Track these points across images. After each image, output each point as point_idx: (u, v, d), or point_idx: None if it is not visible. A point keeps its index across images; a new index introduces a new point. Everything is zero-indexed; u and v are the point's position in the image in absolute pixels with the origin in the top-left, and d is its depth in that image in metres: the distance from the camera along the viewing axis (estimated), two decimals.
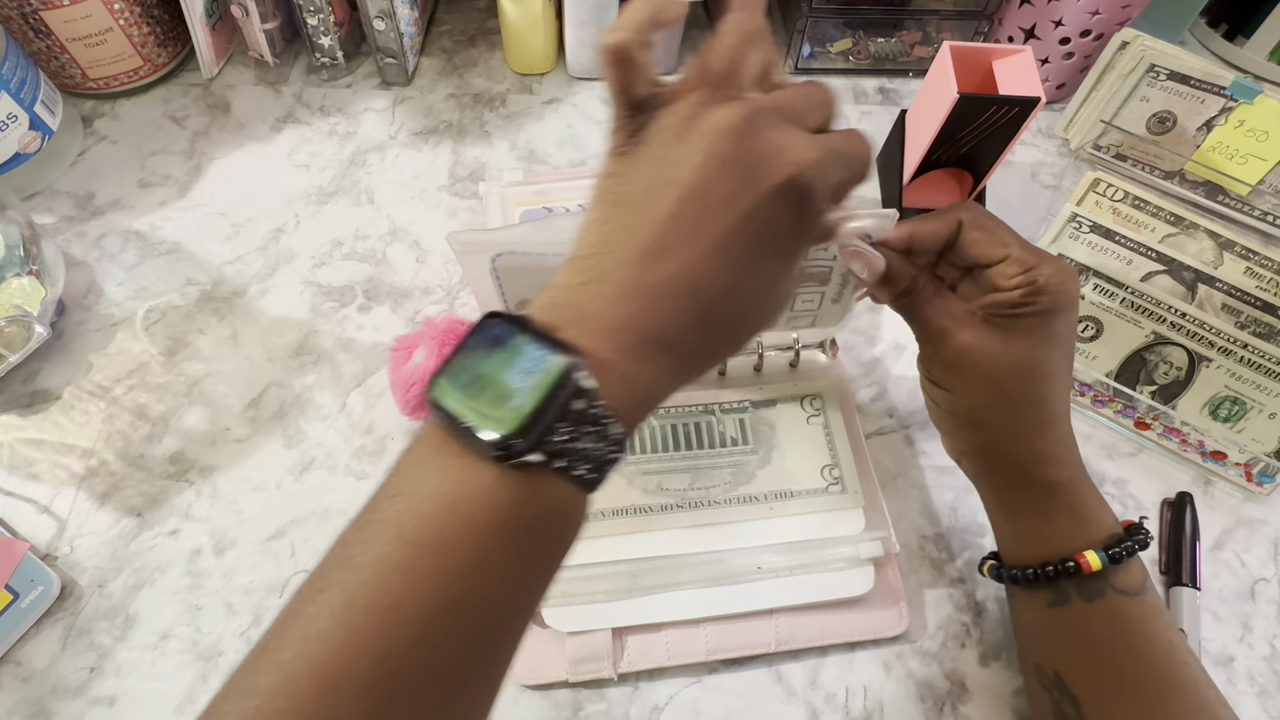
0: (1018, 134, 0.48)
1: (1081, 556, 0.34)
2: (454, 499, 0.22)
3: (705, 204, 0.24)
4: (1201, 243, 0.50)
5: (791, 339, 0.46)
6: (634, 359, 0.23)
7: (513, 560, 0.22)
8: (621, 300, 0.23)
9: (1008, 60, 0.48)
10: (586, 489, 0.23)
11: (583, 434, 0.22)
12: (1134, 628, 0.34)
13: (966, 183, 0.55)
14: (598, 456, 0.22)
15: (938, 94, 0.48)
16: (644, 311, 0.23)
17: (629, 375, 0.23)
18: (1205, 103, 0.55)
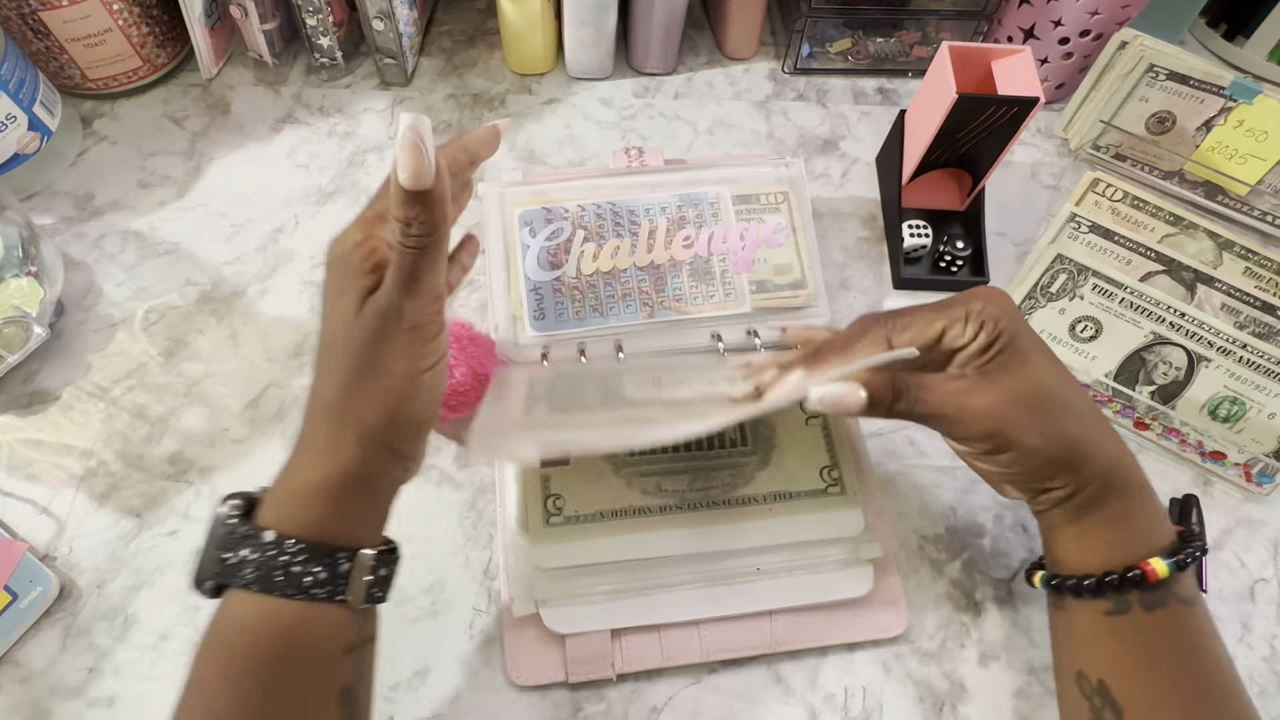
0: (1017, 134, 0.48)
1: (1147, 564, 0.33)
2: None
3: None
4: (1201, 243, 0.50)
5: (790, 339, 0.46)
6: (280, 476, 0.31)
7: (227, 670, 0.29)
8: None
9: (1007, 60, 0.48)
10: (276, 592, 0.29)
11: (236, 550, 0.29)
12: (1189, 638, 0.33)
13: (966, 183, 0.55)
14: (264, 563, 0.29)
15: (937, 94, 0.48)
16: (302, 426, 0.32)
17: (277, 489, 0.31)
18: (1204, 103, 0.54)
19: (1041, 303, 0.48)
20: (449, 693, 0.40)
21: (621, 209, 0.48)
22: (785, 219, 0.50)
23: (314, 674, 0.30)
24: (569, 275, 0.47)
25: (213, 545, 0.30)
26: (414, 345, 0.30)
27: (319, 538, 0.30)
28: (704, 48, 0.66)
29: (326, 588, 0.29)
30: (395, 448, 0.31)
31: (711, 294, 0.47)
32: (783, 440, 0.45)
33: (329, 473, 0.30)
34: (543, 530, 0.41)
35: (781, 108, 0.62)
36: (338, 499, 0.30)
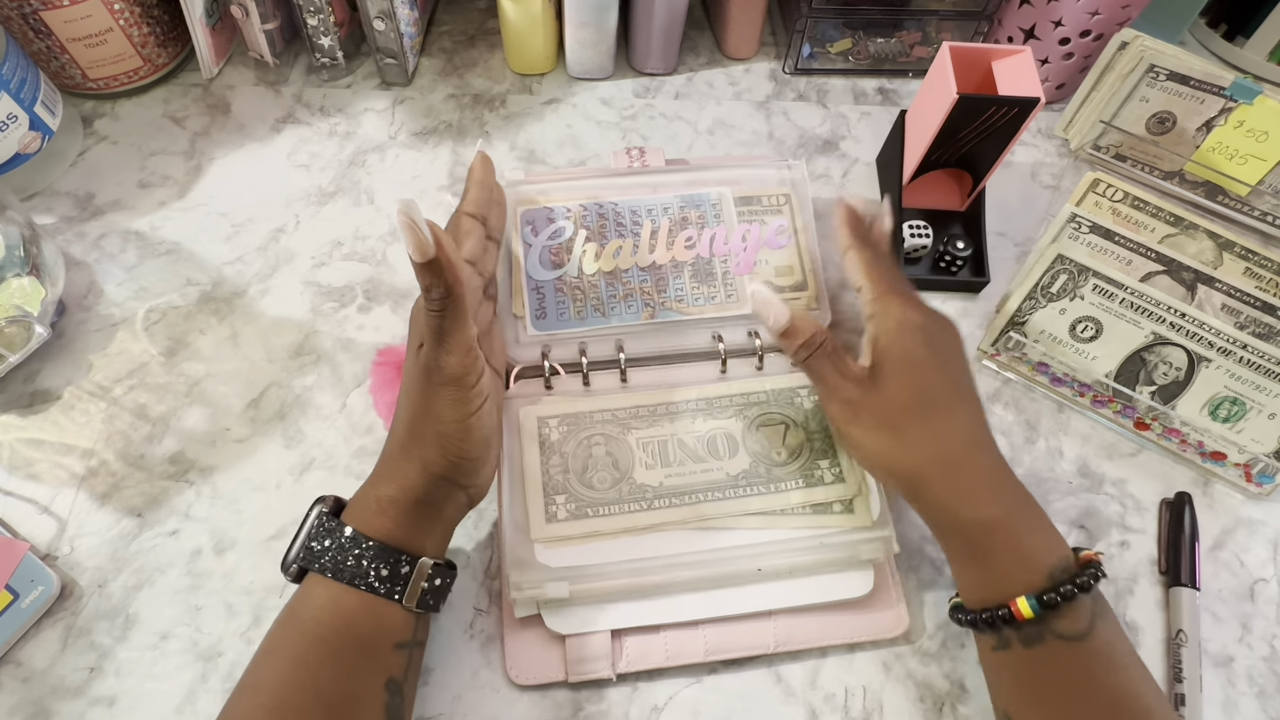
0: (1017, 134, 0.48)
1: (1014, 603, 0.33)
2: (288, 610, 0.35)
3: None
4: (1201, 243, 0.50)
5: None
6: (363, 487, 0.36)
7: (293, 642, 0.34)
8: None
9: (1007, 61, 0.48)
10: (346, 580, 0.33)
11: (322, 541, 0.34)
12: (1078, 673, 0.33)
13: (966, 183, 0.55)
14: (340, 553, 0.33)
15: (937, 94, 0.48)
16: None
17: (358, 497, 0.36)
18: (1205, 103, 0.55)
19: (1042, 303, 0.48)
20: (449, 692, 0.40)
21: (624, 209, 0.49)
22: (787, 221, 0.50)
23: (364, 658, 0.33)
24: (570, 275, 0.47)
25: (304, 535, 0.35)
26: (457, 394, 0.34)
27: (388, 541, 0.34)
28: (704, 48, 0.66)
29: (387, 584, 0.34)
30: (454, 480, 0.36)
31: (713, 295, 0.47)
32: (790, 441, 0.45)
33: (400, 491, 0.35)
34: (544, 530, 0.41)
35: (782, 108, 0.62)
36: (405, 513, 0.35)
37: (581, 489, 0.42)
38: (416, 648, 0.36)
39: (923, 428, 0.36)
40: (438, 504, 0.36)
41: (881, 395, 0.36)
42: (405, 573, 0.34)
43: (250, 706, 0.32)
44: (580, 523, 0.41)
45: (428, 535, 0.36)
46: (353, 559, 0.33)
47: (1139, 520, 0.46)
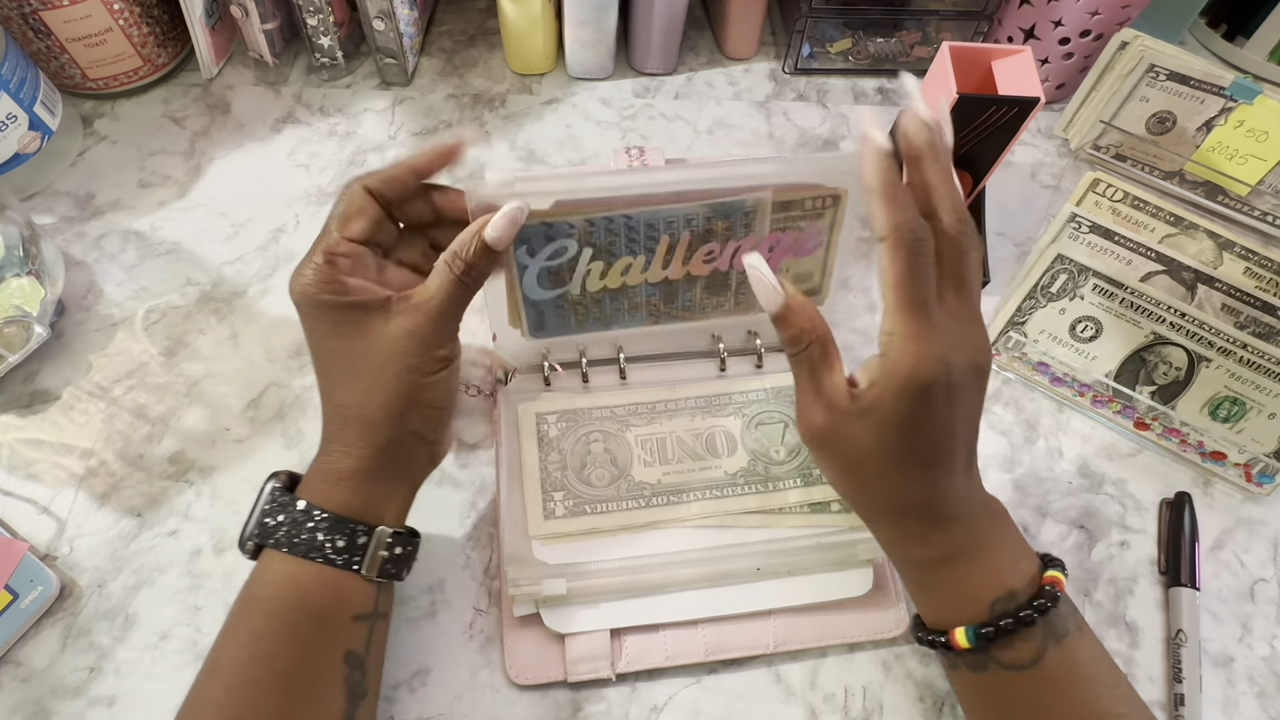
0: (1017, 134, 0.48)
1: (952, 634, 0.33)
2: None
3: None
4: (1201, 243, 0.50)
5: None
6: (316, 457, 0.35)
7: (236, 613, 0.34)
8: None
9: (1007, 60, 0.48)
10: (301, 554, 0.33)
11: (275, 516, 0.33)
12: (1024, 702, 0.32)
13: (966, 183, 0.55)
14: (294, 527, 0.33)
15: (937, 94, 0.48)
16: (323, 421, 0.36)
17: (310, 471, 0.35)
18: (1205, 103, 0.55)
19: (1042, 303, 0.48)
20: (449, 693, 0.40)
21: (639, 222, 0.40)
22: (825, 224, 0.43)
23: (322, 631, 0.33)
24: (573, 293, 0.43)
25: (258, 511, 0.34)
26: (440, 351, 0.34)
27: (344, 512, 0.33)
28: (704, 48, 0.66)
29: (344, 555, 0.33)
30: (423, 434, 0.35)
31: (722, 304, 0.45)
32: (782, 439, 0.45)
33: (359, 460, 0.34)
34: (542, 526, 0.41)
35: (782, 108, 0.62)
36: (365, 481, 0.34)
37: (579, 486, 0.42)
38: (379, 619, 0.35)
39: (881, 485, 0.33)
40: (402, 465, 0.35)
41: (856, 435, 0.32)
42: (363, 543, 0.34)
43: (210, 686, 0.32)
44: (578, 519, 0.41)
45: (388, 501, 0.35)
46: (307, 532, 0.33)
47: (1139, 520, 0.46)
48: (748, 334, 0.47)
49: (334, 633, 0.33)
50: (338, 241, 0.34)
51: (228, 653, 0.33)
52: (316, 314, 0.34)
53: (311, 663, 0.33)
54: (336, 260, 0.34)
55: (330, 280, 0.33)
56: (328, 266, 0.33)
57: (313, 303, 0.33)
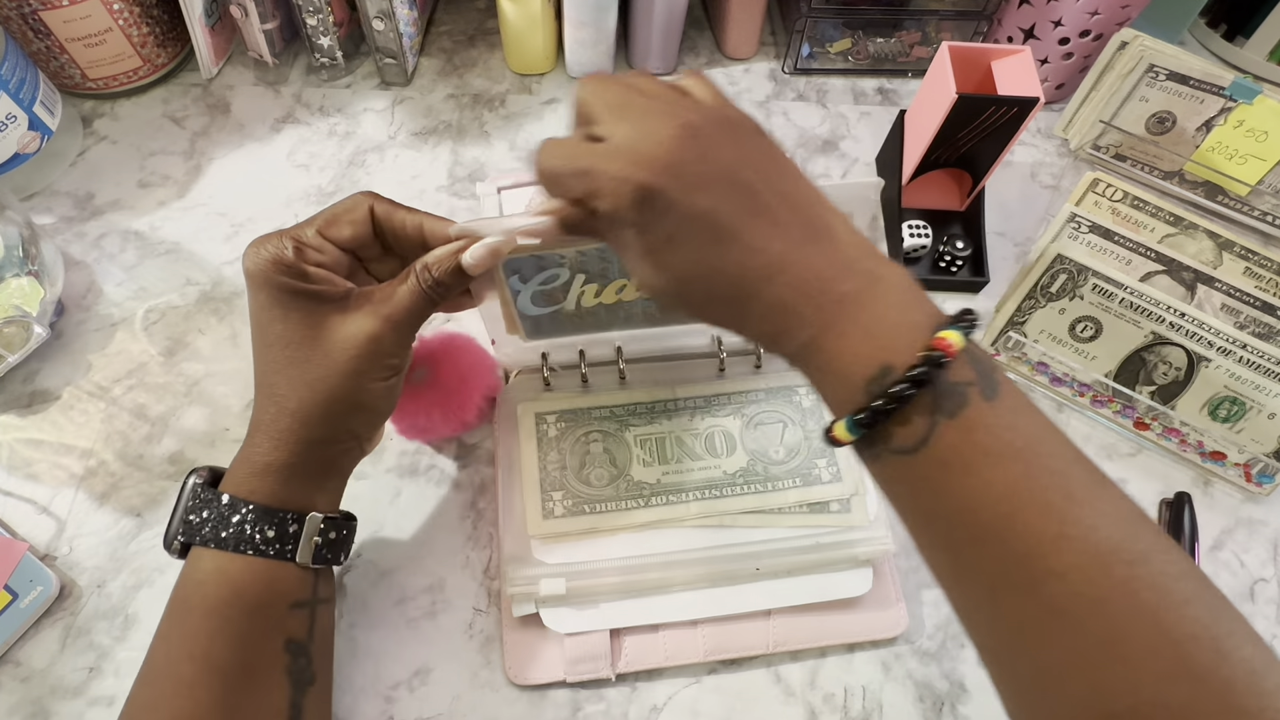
0: (1017, 134, 0.48)
1: (832, 429, 0.28)
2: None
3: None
4: (1201, 243, 0.50)
5: None
6: (240, 452, 0.34)
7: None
8: None
9: (1007, 60, 0.48)
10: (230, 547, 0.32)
11: (199, 513, 0.33)
12: (917, 486, 0.27)
13: (966, 183, 0.55)
14: (220, 521, 0.32)
15: (937, 94, 0.48)
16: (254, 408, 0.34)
17: (235, 463, 0.34)
18: (1204, 103, 0.54)
19: (1041, 303, 0.48)
20: (449, 693, 0.40)
21: None
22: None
23: (257, 623, 0.33)
24: (568, 309, 0.42)
25: (181, 509, 0.34)
26: (393, 360, 0.34)
27: (270, 503, 0.33)
28: (704, 48, 0.66)
29: (275, 545, 0.33)
30: (355, 432, 0.35)
31: None
32: (787, 439, 0.45)
33: (290, 454, 0.33)
34: (541, 526, 0.41)
35: (781, 108, 0.62)
36: (294, 475, 0.34)
37: (579, 485, 0.42)
38: (320, 605, 0.35)
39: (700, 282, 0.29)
40: (330, 461, 0.35)
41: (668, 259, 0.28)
42: (294, 530, 0.33)
43: (149, 696, 0.32)
44: (577, 519, 0.41)
45: (318, 492, 0.35)
46: (234, 525, 0.32)
47: None
48: None
49: (271, 623, 0.33)
50: (313, 235, 0.34)
51: (162, 657, 0.32)
52: (269, 294, 0.33)
53: (250, 655, 0.32)
54: (304, 250, 0.33)
55: (290, 265, 0.32)
56: (292, 252, 0.33)
57: (267, 281, 0.32)
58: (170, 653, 0.32)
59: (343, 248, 0.34)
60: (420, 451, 0.46)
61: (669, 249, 0.28)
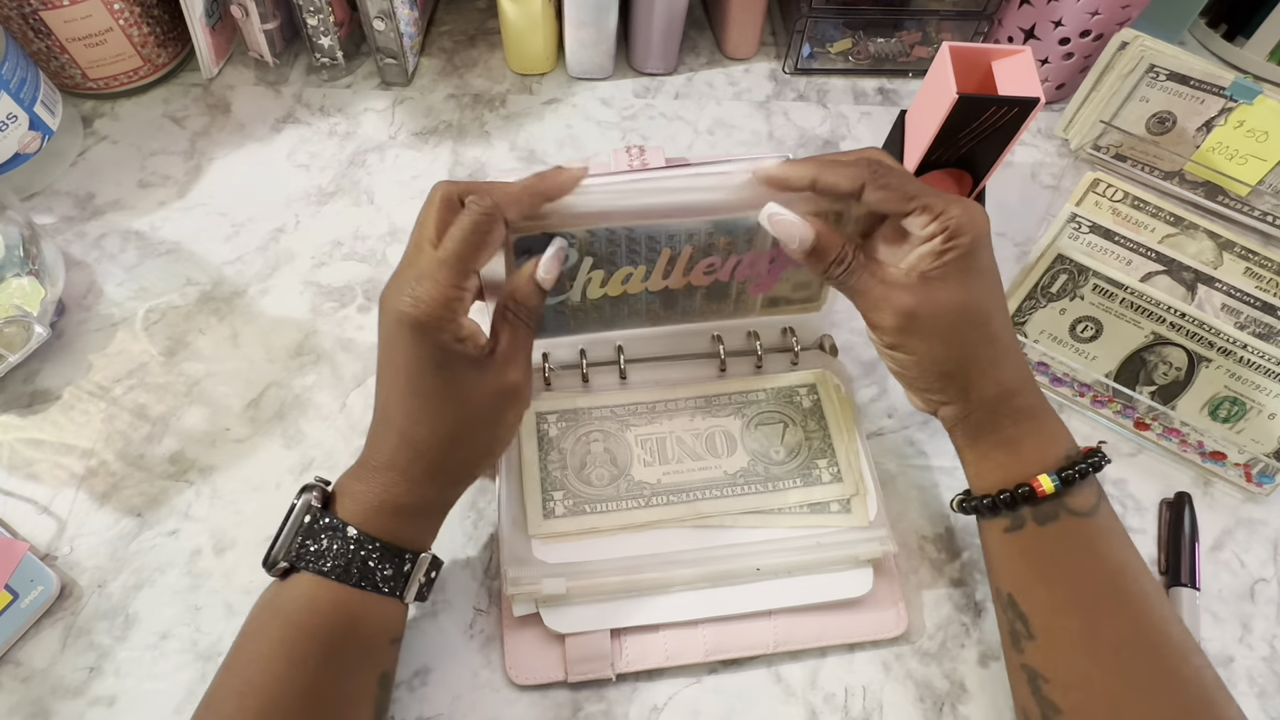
0: (1017, 135, 0.48)
1: (1035, 481, 0.35)
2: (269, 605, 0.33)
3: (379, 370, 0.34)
4: (1201, 243, 0.50)
5: (790, 340, 0.46)
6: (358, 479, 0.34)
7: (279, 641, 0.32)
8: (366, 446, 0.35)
9: (1007, 61, 0.48)
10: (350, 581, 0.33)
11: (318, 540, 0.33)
12: (1084, 546, 0.35)
13: (966, 183, 0.55)
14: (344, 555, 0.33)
15: (937, 94, 0.48)
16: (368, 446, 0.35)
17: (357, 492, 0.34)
18: (1205, 103, 0.55)
19: (1042, 303, 0.48)
20: (449, 692, 0.40)
21: (640, 235, 0.39)
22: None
23: (363, 655, 0.34)
24: (574, 300, 0.42)
25: (295, 531, 0.33)
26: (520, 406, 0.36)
27: (394, 540, 0.34)
28: (704, 48, 0.66)
29: (392, 583, 0.34)
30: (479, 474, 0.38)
31: (722, 309, 0.45)
32: (782, 440, 0.45)
33: (419, 499, 0.34)
34: (541, 526, 0.41)
35: (782, 108, 0.62)
36: (418, 515, 0.35)
37: (579, 485, 0.42)
38: (400, 639, 0.36)
39: (979, 330, 0.36)
40: (452, 502, 0.37)
41: (946, 300, 0.35)
42: (407, 570, 0.34)
43: (238, 709, 0.31)
44: (578, 519, 0.41)
45: (432, 531, 0.37)
46: (358, 562, 0.33)
47: (1139, 520, 0.46)
48: (748, 335, 0.47)
49: (374, 655, 0.34)
50: (470, 275, 0.32)
51: (259, 675, 0.31)
52: (423, 344, 0.31)
53: (350, 686, 0.33)
54: (464, 295, 0.32)
55: (455, 317, 0.32)
56: (456, 300, 0.31)
57: (426, 334, 0.31)
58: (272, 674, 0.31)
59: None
60: None
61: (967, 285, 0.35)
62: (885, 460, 0.47)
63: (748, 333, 0.47)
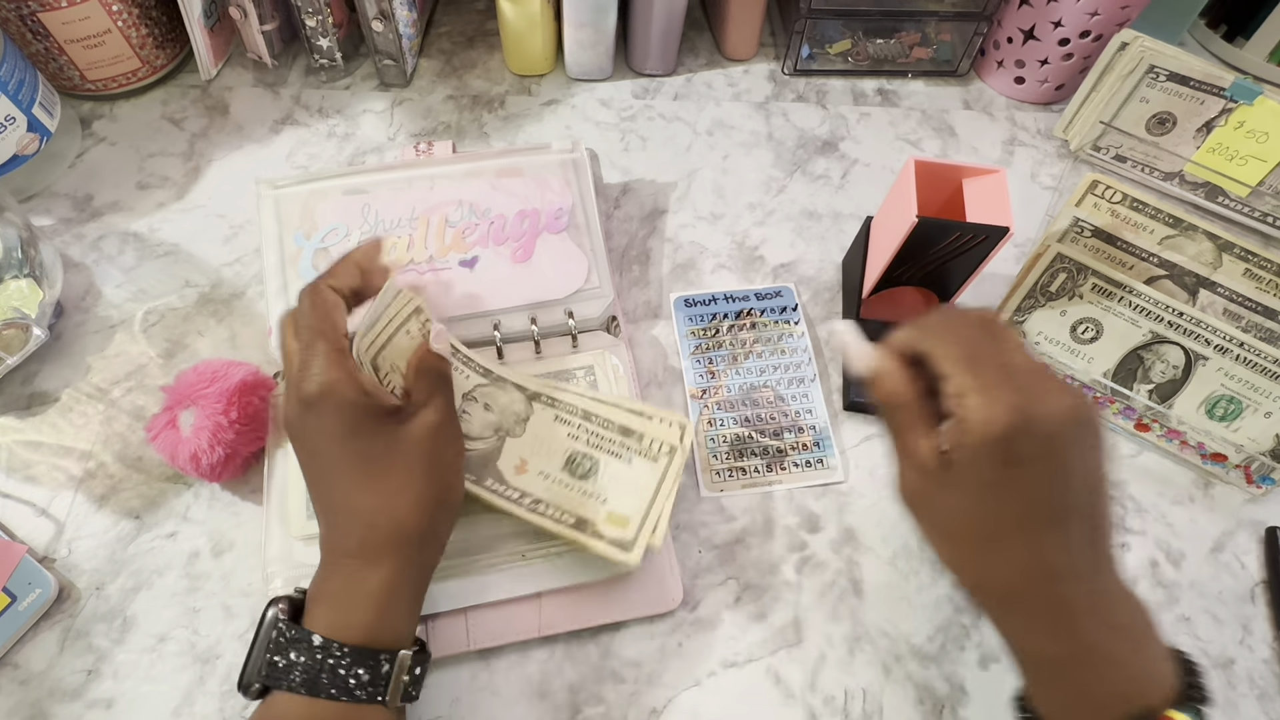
0: (986, 259, 0.44)
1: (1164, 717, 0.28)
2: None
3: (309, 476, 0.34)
4: (1200, 244, 0.50)
5: (569, 324, 0.47)
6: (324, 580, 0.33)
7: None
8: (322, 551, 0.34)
9: (979, 181, 0.43)
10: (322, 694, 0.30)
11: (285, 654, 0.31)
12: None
13: (933, 302, 0.51)
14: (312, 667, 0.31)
15: (899, 210, 0.44)
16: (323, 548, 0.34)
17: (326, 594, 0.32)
18: (1205, 104, 0.54)
19: (1041, 302, 0.48)
20: (447, 695, 0.40)
21: (399, 205, 0.49)
22: (567, 204, 0.50)
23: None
24: None
25: (262, 649, 0.31)
26: (458, 444, 0.36)
27: (365, 641, 0.32)
28: (703, 49, 0.66)
29: (369, 689, 0.31)
30: (442, 536, 0.35)
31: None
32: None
33: (392, 574, 0.32)
34: (305, 529, 0.40)
35: (781, 109, 0.62)
36: (393, 599, 0.32)
37: None
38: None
39: (980, 556, 0.31)
40: (425, 572, 0.35)
41: (945, 501, 0.31)
42: (386, 671, 0.32)
43: None
44: None
45: (410, 616, 0.34)
46: (327, 670, 0.30)
47: (1139, 522, 0.46)
48: (530, 320, 0.47)
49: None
50: (339, 338, 0.33)
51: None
52: (337, 414, 0.32)
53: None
54: (346, 359, 0.33)
55: (353, 378, 0.32)
56: (345, 366, 0.32)
57: (338, 402, 0.32)
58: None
59: None
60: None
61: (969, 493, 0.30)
62: (885, 461, 0.47)
63: (530, 318, 0.47)
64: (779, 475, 0.46)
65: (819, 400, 0.48)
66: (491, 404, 0.43)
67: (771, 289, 0.52)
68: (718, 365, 0.50)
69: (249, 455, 0.43)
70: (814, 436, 0.47)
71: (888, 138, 0.61)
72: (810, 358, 0.50)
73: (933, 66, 0.64)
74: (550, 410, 0.43)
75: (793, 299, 0.52)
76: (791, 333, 0.51)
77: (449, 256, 0.48)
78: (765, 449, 0.47)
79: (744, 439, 0.47)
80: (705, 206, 0.57)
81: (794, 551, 0.44)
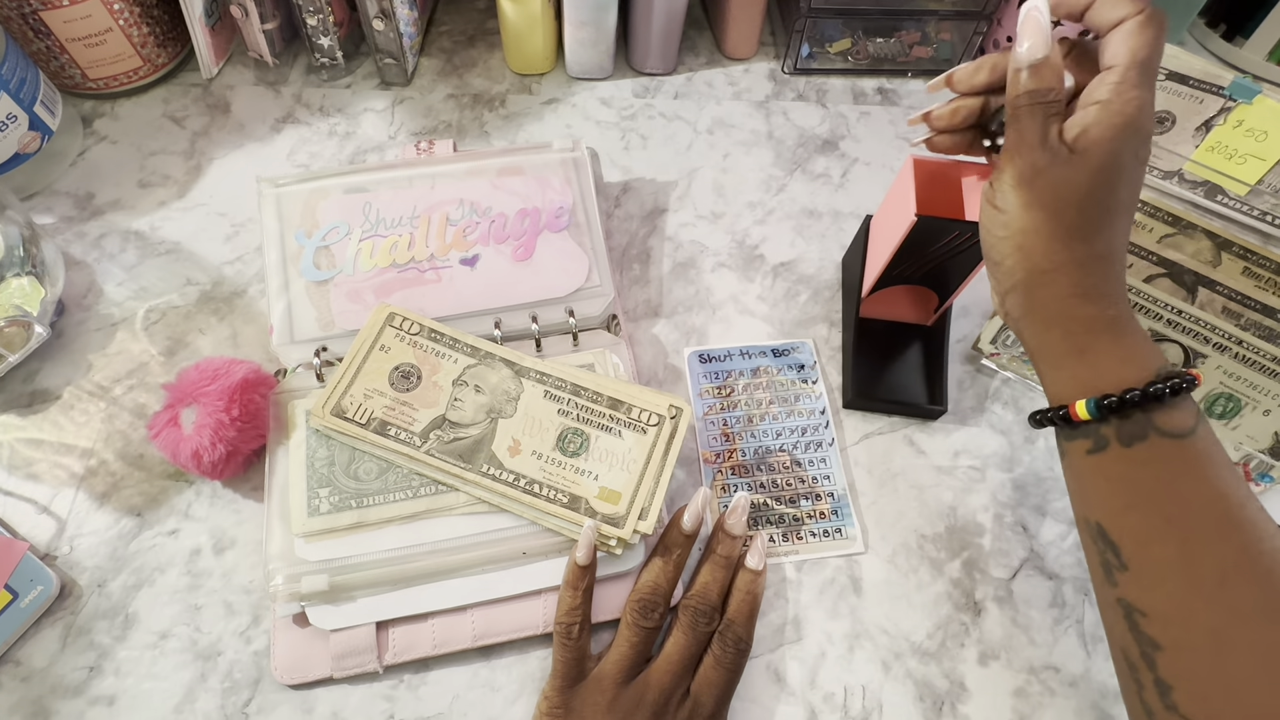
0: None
1: (1072, 406, 0.33)
2: None
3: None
4: (1199, 243, 0.50)
5: (570, 322, 0.47)
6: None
7: None
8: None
9: (978, 180, 0.43)
10: None
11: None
12: (1178, 471, 0.31)
13: (931, 301, 0.51)
14: None
15: (899, 209, 0.44)
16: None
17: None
18: (1204, 103, 0.55)
19: None
20: (448, 692, 0.40)
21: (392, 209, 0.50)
22: (568, 203, 0.50)
23: None
24: (345, 274, 0.47)
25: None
26: None
27: None
28: (704, 48, 0.66)
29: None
30: None
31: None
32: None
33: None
34: (306, 524, 0.40)
35: (781, 108, 0.62)
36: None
37: (347, 481, 0.42)
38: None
39: (1084, 228, 0.33)
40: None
41: (1070, 178, 0.33)
42: None
43: None
44: (342, 514, 0.41)
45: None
46: None
47: None
48: (531, 318, 0.47)
49: None
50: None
51: None
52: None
53: None
54: None
55: None
56: None
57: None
58: None
59: None
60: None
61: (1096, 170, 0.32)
62: (885, 460, 0.47)
63: (530, 316, 0.47)
64: (795, 545, 0.45)
65: (837, 465, 0.47)
66: (482, 385, 0.44)
67: (788, 344, 0.51)
68: (733, 427, 0.48)
69: (250, 453, 0.43)
70: (832, 505, 0.46)
71: (887, 136, 0.61)
72: (829, 420, 0.48)
73: (933, 65, 0.64)
74: (540, 386, 0.44)
75: (810, 355, 0.51)
76: (810, 393, 0.49)
77: (450, 255, 0.48)
78: (781, 517, 0.45)
79: (759, 506, 0.46)
80: (705, 205, 0.57)
81: None
